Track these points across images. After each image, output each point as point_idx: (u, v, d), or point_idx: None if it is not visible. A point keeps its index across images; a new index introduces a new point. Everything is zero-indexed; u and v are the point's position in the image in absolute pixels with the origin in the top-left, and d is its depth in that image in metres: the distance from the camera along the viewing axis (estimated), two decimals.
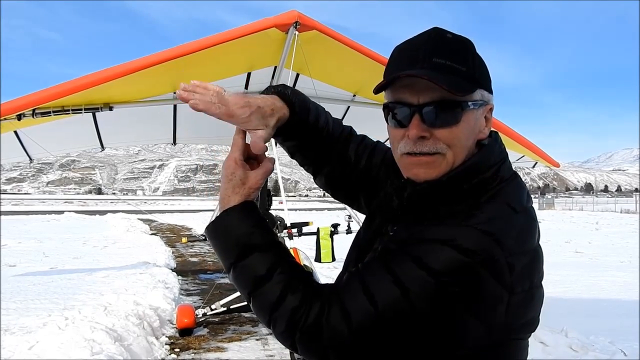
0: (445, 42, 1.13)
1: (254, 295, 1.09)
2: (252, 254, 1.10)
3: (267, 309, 1.06)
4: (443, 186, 1.11)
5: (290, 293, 1.05)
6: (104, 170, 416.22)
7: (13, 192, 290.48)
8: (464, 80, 1.09)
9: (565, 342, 5.56)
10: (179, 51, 4.85)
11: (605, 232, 23.71)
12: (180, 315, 6.50)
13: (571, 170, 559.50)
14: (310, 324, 1.01)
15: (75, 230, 22.09)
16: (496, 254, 1.00)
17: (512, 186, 1.15)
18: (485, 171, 1.13)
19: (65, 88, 4.83)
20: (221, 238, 1.14)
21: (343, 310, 1.00)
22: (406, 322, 0.99)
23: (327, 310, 1.01)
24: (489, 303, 1.01)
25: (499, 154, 1.18)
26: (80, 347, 4.85)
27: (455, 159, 1.12)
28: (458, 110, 1.10)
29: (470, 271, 0.98)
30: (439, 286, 0.97)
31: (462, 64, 1.10)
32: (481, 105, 1.15)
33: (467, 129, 1.12)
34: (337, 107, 7.40)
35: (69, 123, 5.85)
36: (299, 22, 4.82)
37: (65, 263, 12.29)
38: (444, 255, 0.99)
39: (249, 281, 1.09)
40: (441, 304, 0.98)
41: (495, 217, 1.06)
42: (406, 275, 0.99)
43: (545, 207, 59.64)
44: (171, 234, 22.67)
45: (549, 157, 8.18)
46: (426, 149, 1.10)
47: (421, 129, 1.09)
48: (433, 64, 1.09)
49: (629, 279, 10.35)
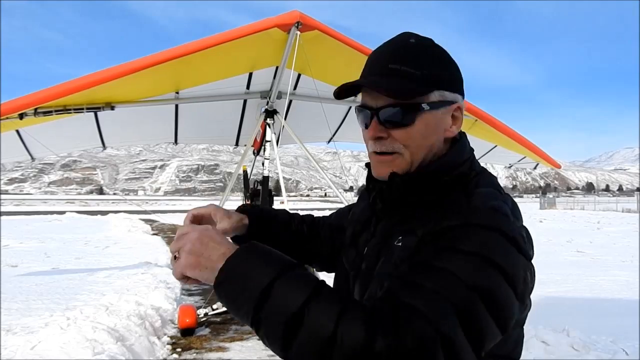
0: (406, 47, 1.21)
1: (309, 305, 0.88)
2: (296, 269, 0.95)
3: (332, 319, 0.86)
4: (427, 176, 1.20)
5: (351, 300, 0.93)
6: (106, 171, 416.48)
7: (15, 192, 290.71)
8: (416, 84, 1.16)
9: (567, 342, 5.56)
10: (181, 51, 4.84)
11: (606, 232, 23.67)
12: (182, 315, 6.51)
13: (572, 169, 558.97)
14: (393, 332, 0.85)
15: (76, 231, 22.13)
16: (511, 226, 1.06)
17: (485, 176, 1.23)
18: (461, 164, 1.23)
19: (67, 87, 4.84)
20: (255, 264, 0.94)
21: (415, 310, 0.89)
22: (471, 306, 0.93)
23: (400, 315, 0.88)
24: (521, 271, 1.02)
25: (469, 150, 1.28)
26: (82, 347, 4.85)
27: (412, 157, 1.21)
28: (411, 112, 1.17)
29: (498, 243, 1.01)
30: (482, 262, 0.97)
31: (417, 68, 1.17)
32: (442, 105, 1.20)
33: (423, 129, 1.19)
34: (338, 107, 7.41)
35: (71, 122, 5.86)
36: (301, 22, 4.82)
37: (67, 263, 12.31)
38: (471, 235, 1.02)
39: (303, 290, 0.90)
40: (491, 279, 0.96)
41: (492, 197, 1.14)
42: (451, 264, 0.96)
43: (546, 206, 59.59)
44: (173, 234, 22.60)
45: (551, 158, 8.18)
46: (384, 148, 1.21)
47: (378, 130, 1.21)
48: (388, 69, 1.18)
49: (631, 278, 10.34)
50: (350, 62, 5.69)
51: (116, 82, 4.83)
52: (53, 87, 4.92)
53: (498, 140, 7.16)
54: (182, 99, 6.30)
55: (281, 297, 0.89)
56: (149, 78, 5.17)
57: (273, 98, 6.41)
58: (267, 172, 6.89)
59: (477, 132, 6.69)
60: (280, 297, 0.89)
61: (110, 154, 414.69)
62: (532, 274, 1.08)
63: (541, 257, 11.94)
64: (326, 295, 0.90)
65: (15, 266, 11.71)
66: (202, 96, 6.34)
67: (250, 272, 0.93)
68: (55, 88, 4.89)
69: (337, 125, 7.95)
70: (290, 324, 0.87)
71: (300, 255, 1.63)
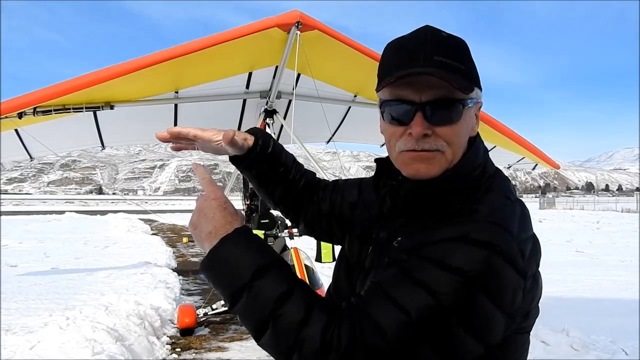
0: (443, 40, 1.14)
1: (275, 315, 0.97)
2: (270, 270, 1.02)
3: (293, 329, 0.96)
4: (439, 184, 1.14)
5: (316, 310, 0.98)
6: (105, 170, 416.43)
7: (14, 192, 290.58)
8: (464, 79, 1.11)
9: (567, 342, 5.56)
10: (181, 50, 4.84)
11: (606, 232, 23.71)
12: (182, 315, 6.51)
13: (572, 169, 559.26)
14: (346, 344, 0.94)
15: (76, 231, 22.13)
16: (509, 242, 1.02)
17: (499, 180, 1.20)
18: (475, 169, 1.18)
19: (66, 86, 4.83)
20: (232, 261, 1.04)
21: (376, 325, 0.95)
22: (440, 325, 0.96)
23: (359, 327, 0.95)
24: (509, 291, 1.02)
25: (484, 152, 1.23)
26: (82, 346, 4.85)
27: (453, 156, 1.14)
28: (459, 108, 1.12)
29: (490, 262, 0.98)
30: (465, 283, 0.96)
31: (461, 62, 1.13)
32: (476, 103, 1.18)
33: (465, 127, 1.16)
34: (338, 108, 7.39)
35: (70, 122, 5.84)
36: (301, 22, 4.81)
37: (67, 263, 12.31)
38: (462, 252, 0.99)
39: (268, 301, 0.98)
40: (471, 300, 0.97)
41: (497, 208, 1.09)
42: (431, 279, 0.97)
43: (546, 206, 59.62)
44: (172, 233, 22.68)
45: (549, 158, 8.17)
46: (427, 146, 1.12)
47: (424, 126, 1.10)
48: (435, 62, 1.09)
49: (630, 278, 10.35)
50: (350, 62, 5.68)
51: (115, 81, 4.82)
52: (52, 87, 4.91)
53: (497, 140, 7.15)
54: (181, 98, 6.28)
55: (252, 299, 1.00)
56: (149, 77, 5.17)
57: (272, 98, 6.40)
58: None
59: None
60: (252, 299, 1.00)
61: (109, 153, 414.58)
62: (528, 287, 1.07)
63: None
64: (294, 301, 0.98)
65: (15, 266, 11.70)
66: (201, 96, 6.33)
67: (230, 270, 1.03)
68: (54, 87, 4.88)
69: (336, 125, 7.94)
70: (260, 325, 1.00)
71: (285, 205, 1.62)
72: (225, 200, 1.14)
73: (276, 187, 1.56)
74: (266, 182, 1.55)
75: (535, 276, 1.11)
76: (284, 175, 1.55)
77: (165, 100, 6.26)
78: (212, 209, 1.12)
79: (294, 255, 5.44)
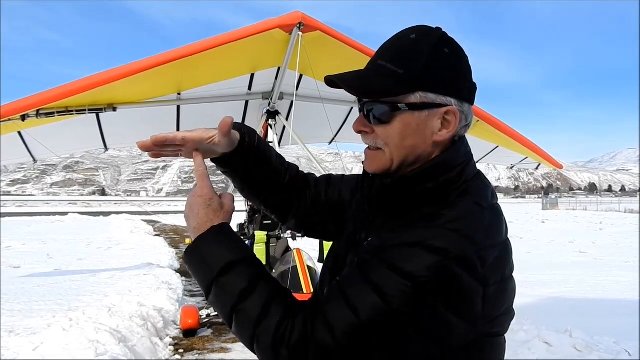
0: (401, 43, 1.17)
1: (237, 309, 1.07)
2: (236, 267, 1.10)
3: (251, 323, 1.05)
4: (407, 182, 1.16)
5: (274, 305, 1.05)
6: (108, 172, 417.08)
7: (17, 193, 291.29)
8: (395, 83, 1.13)
9: (570, 342, 5.55)
10: (183, 52, 4.84)
11: (609, 232, 23.66)
12: (184, 316, 6.52)
13: (575, 170, 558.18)
14: (296, 339, 1.01)
15: (79, 232, 22.18)
16: (466, 250, 1.03)
17: (477, 185, 1.19)
18: (450, 170, 1.17)
19: (69, 89, 4.84)
20: (205, 257, 1.13)
21: (327, 323, 1.00)
22: (390, 328, 1.00)
23: (310, 324, 1.01)
24: (465, 298, 1.03)
25: (464, 155, 1.21)
26: (85, 348, 4.87)
27: (392, 156, 1.18)
28: (386, 110, 1.16)
29: (443, 269, 1.00)
30: (415, 287, 0.99)
31: (402, 66, 1.13)
32: (425, 107, 1.14)
33: (402, 130, 1.16)
34: (340, 109, 7.39)
35: (73, 124, 5.86)
36: (303, 23, 4.82)
37: (70, 264, 12.34)
38: (415, 257, 1.01)
39: (232, 295, 1.08)
40: (421, 305, 0.99)
41: (462, 214, 1.09)
42: (383, 281, 1.01)
43: (549, 207, 59.52)
44: (175, 234, 22.70)
45: (552, 158, 8.17)
46: (368, 142, 1.22)
47: (361, 123, 1.22)
48: (376, 66, 1.17)
49: (633, 278, 10.33)
50: (352, 63, 5.65)
51: (118, 83, 4.83)
52: (55, 89, 4.92)
53: (500, 140, 7.15)
54: (184, 100, 6.30)
55: (219, 294, 1.10)
56: (151, 79, 5.18)
57: (275, 99, 6.41)
58: None
59: (478, 133, 6.68)
60: (218, 293, 1.10)
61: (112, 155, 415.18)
62: (495, 295, 1.08)
63: (544, 258, 12.00)
64: (254, 297, 1.07)
65: (18, 267, 11.73)
66: (204, 97, 6.34)
67: (202, 265, 1.13)
68: (57, 89, 4.90)
69: (339, 126, 7.94)
70: (226, 317, 1.10)
71: (273, 204, 1.54)
72: (211, 197, 1.20)
73: (263, 186, 1.48)
74: (252, 181, 1.46)
75: (502, 283, 1.10)
76: (270, 173, 1.47)
77: (168, 102, 6.28)
78: (198, 205, 1.19)
79: (297, 256, 5.43)
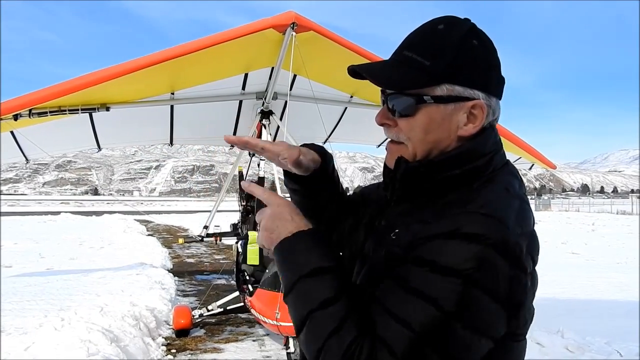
0: (428, 34, 1.14)
1: (313, 316, 1.02)
2: (326, 274, 1.05)
3: (324, 334, 0.99)
4: (434, 166, 1.13)
5: (349, 321, 1.00)
6: (101, 171, 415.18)
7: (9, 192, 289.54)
8: (421, 75, 1.11)
9: (562, 343, 5.58)
10: (176, 52, 4.84)
11: (601, 233, 23.76)
12: (177, 316, 6.50)
13: (567, 171, 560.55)
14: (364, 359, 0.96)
15: (71, 231, 22.05)
16: (505, 234, 0.99)
17: (504, 173, 1.16)
18: (478, 158, 1.13)
19: (62, 88, 4.82)
20: (299, 252, 1.09)
21: (385, 344, 0.95)
22: (445, 330, 0.95)
23: (377, 348, 0.96)
24: (507, 284, 0.99)
25: (494, 144, 1.18)
26: (77, 347, 4.84)
27: (415, 151, 1.15)
28: (411, 103, 1.13)
29: (482, 257, 0.96)
30: (459, 282, 0.95)
31: (430, 58, 1.10)
32: (451, 101, 1.12)
33: (426, 123, 1.13)
34: (334, 109, 7.40)
35: (66, 123, 5.84)
36: (296, 23, 4.82)
37: (62, 264, 12.28)
38: (453, 249, 0.97)
39: (314, 300, 1.03)
40: (468, 298, 0.95)
41: (493, 199, 1.06)
42: (426, 285, 0.97)
43: (541, 208, 59.78)
44: (168, 234, 22.64)
45: (546, 158, 8.22)
46: (391, 135, 1.19)
47: (384, 116, 1.19)
48: (402, 57, 1.14)
49: (625, 279, 10.39)
50: (345, 63, 5.66)
51: (111, 82, 4.82)
52: (48, 88, 4.91)
53: None
54: (177, 99, 6.29)
55: (302, 293, 1.05)
56: (145, 79, 5.17)
57: (268, 99, 6.41)
58: (263, 173, 6.90)
59: None
60: (302, 293, 1.05)
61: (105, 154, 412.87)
62: (528, 283, 1.05)
63: None
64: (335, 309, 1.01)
65: (10, 267, 11.66)
66: (197, 97, 6.34)
67: (294, 259, 1.09)
68: (50, 89, 4.88)
69: (332, 126, 7.95)
70: (299, 320, 1.05)
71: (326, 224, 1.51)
72: (295, 207, 1.18)
73: (326, 209, 1.48)
74: (318, 205, 1.46)
75: (532, 274, 1.07)
76: (336, 197, 1.49)
77: (162, 102, 6.27)
78: (289, 213, 1.15)
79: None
